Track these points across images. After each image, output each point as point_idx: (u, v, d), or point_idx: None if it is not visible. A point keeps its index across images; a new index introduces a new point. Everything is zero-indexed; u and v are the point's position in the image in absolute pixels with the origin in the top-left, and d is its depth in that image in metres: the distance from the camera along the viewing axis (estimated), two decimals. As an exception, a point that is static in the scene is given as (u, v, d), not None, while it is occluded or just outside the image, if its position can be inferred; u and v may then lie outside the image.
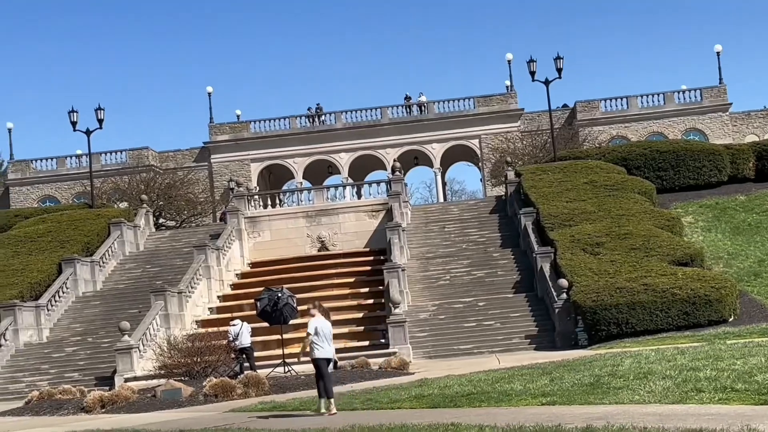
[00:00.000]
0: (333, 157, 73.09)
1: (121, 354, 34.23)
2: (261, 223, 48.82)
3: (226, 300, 42.89)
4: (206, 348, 30.14)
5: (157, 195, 60.14)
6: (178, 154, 75.46)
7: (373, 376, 26.73)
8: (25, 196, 73.69)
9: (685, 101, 71.01)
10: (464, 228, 47.18)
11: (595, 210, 41.24)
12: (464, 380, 21.19)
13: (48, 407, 26.44)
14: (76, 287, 43.13)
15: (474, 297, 38.65)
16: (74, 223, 48.39)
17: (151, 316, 37.21)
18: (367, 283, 42.04)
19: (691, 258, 35.99)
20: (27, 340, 38.89)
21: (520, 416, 13.72)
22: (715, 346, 23.71)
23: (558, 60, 50.90)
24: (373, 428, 13.92)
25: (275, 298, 30.69)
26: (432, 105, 73.23)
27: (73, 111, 52.64)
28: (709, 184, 48.87)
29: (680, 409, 13.23)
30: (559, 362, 23.58)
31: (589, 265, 35.31)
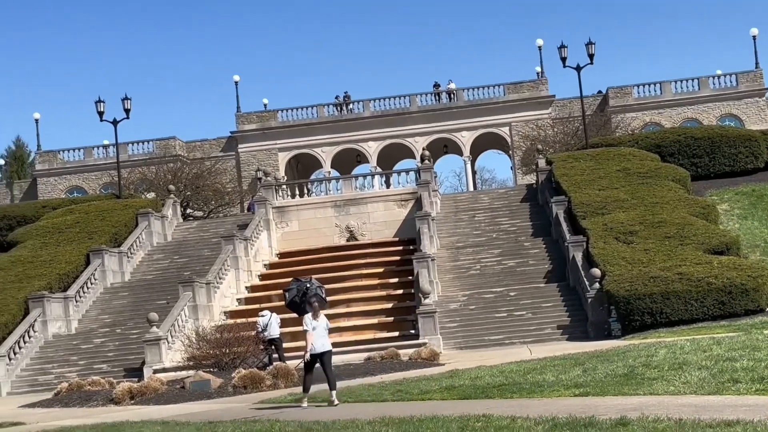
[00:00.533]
0: (361, 145, 73.08)
1: (149, 345, 34.46)
2: (289, 213, 48.93)
3: (255, 291, 43.05)
4: (235, 339, 30.30)
5: (184, 185, 60.40)
6: (206, 143, 75.72)
7: (403, 367, 26.77)
8: (52, 187, 74.25)
9: (721, 86, 70.36)
10: (495, 217, 47.07)
11: (628, 198, 41.01)
12: (495, 371, 21.18)
13: (77, 399, 26.72)
14: (104, 278, 43.45)
15: (505, 287, 38.55)
16: (102, 213, 48.71)
17: (179, 308, 37.43)
18: (396, 273, 42.04)
19: (726, 246, 35.71)
20: (55, 332, 39.24)
21: (553, 407, 13.69)
22: (752, 335, 23.54)
23: (590, 45, 50.56)
24: (403, 420, 13.93)
25: (304, 289, 30.65)
26: (461, 92, 72.99)
27: (100, 101, 52.95)
28: (745, 171, 48.51)
29: (716, 400, 13.15)
30: (592, 353, 23.50)
31: (623, 254, 35.13)
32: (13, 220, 51.98)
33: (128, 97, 52.95)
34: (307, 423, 15.11)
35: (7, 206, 59.46)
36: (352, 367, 27.62)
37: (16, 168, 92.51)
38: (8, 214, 53.14)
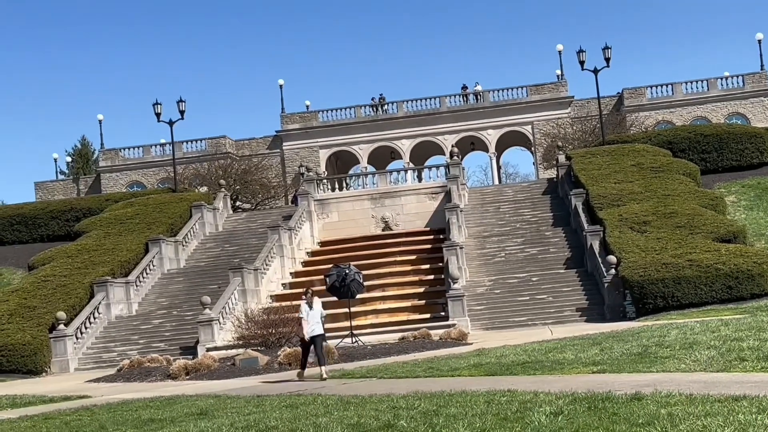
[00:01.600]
0: (395, 143, 72.98)
1: (202, 326, 34.67)
2: (329, 205, 49.01)
3: (298, 276, 43.16)
4: (280, 320, 30.38)
5: (234, 180, 60.64)
6: (253, 142, 75.95)
7: (434, 346, 26.74)
8: (114, 182, 74.83)
9: (728, 87, 69.58)
10: (518, 208, 46.86)
11: (642, 191, 40.67)
12: (519, 350, 21.11)
13: (138, 374, 26.93)
14: (162, 265, 43.75)
15: (527, 273, 38.39)
16: (159, 206, 49.03)
17: (229, 291, 37.61)
18: (427, 260, 41.98)
19: (734, 235, 35.36)
20: (118, 314, 39.58)
21: (573, 383, 13.63)
22: (758, 318, 23.29)
23: (606, 50, 50.17)
24: (434, 394, 13.93)
25: (343, 274, 30.80)
26: (487, 94, 72.68)
27: (158, 103, 53.29)
28: (751, 165, 47.98)
29: (724, 377, 13.03)
30: (609, 333, 23.36)
31: (637, 242, 34.86)
32: (79, 212, 52.46)
33: (183, 99, 53.26)
34: (347, 397, 15.15)
35: (74, 199, 59.95)
36: (387, 346, 27.63)
37: (81, 165, 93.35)
38: (75, 207, 53.63)
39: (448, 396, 13.56)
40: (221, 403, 16.40)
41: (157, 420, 14.67)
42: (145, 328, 38.22)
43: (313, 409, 13.83)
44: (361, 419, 12.04)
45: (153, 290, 42.19)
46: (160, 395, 19.46)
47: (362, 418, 12.11)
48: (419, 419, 11.51)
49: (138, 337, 37.44)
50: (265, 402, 15.85)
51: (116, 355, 35.31)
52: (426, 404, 12.84)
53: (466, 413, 11.56)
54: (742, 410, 9.72)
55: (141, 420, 14.91)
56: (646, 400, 11.11)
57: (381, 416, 12.12)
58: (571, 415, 10.66)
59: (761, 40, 67.46)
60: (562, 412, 10.89)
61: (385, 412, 12.54)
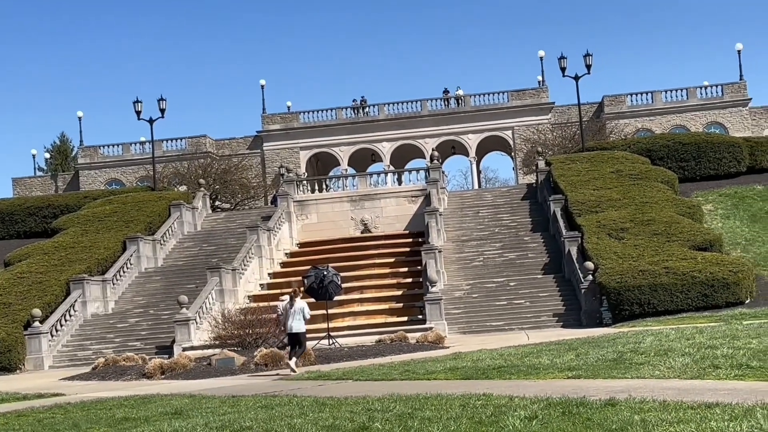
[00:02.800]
0: (376, 146, 73.02)
1: (179, 325, 34.53)
2: (309, 207, 48.96)
3: (276, 277, 43.08)
4: (257, 321, 30.32)
5: (213, 179, 60.51)
6: (233, 141, 75.79)
7: (411, 349, 26.75)
8: (93, 179, 74.44)
9: (707, 96, 70.10)
10: (497, 213, 46.99)
11: (620, 197, 40.88)
12: (495, 354, 21.15)
13: (113, 373, 26.78)
14: (139, 263, 43.55)
15: (505, 277, 38.49)
16: (138, 204, 48.80)
17: (207, 291, 37.49)
18: (406, 263, 42.01)
19: (710, 243, 35.58)
20: (94, 311, 39.35)
21: (547, 388, 13.67)
22: (732, 326, 23.44)
23: (587, 57, 50.44)
24: (410, 397, 13.93)
25: (321, 276, 30.78)
26: (468, 98, 72.88)
27: (138, 101, 53.09)
28: (728, 174, 48.36)
29: (698, 384, 13.11)
30: (585, 339, 23.44)
31: (614, 249, 35.03)
32: (57, 209, 52.17)
33: (164, 98, 53.13)
34: (322, 398, 15.13)
35: (52, 196, 59.65)
36: (364, 349, 27.63)
37: (60, 161, 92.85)
38: (52, 203, 53.34)
39: (424, 399, 13.57)
40: (196, 403, 16.34)
41: (131, 419, 14.60)
42: (121, 327, 38.01)
43: (288, 410, 13.81)
44: (336, 421, 12.04)
45: (130, 289, 41.98)
46: (135, 394, 19.36)
47: (337, 420, 12.10)
48: (394, 422, 11.51)
49: (114, 335, 37.23)
50: (240, 402, 15.80)
51: (91, 354, 35.09)
52: (401, 407, 12.85)
53: (441, 416, 11.58)
54: (715, 417, 9.78)
55: (115, 419, 14.82)
56: (620, 405, 11.16)
57: (356, 418, 12.12)
58: (546, 419, 10.69)
59: (741, 51, 68.00)
60: (537, 416, 10.93)
61: (360, 414, 12.54)
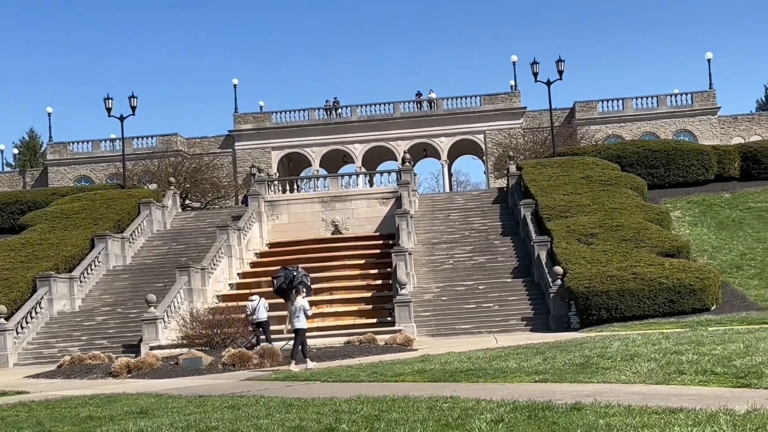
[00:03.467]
0: (348, 147, 73.01)
1: (147, 324, 34.31)
2: (279, 207, 48.85)
3: (246, 277, 42.93)
4: (226, 321, 30.20)
5: (184, 178, 60.22)
6: (205, 140, 75.47)
7: (379, 351, 26.76)
8: (62, 176, 73.82)
9: (677, 104, 70.76)
10: (468, 216, 47.12)
11: (590, 203, 41.13)
12: (463, 357, 21.19)
13: (78, 371, 26.56)
14: (107, 261, 43.23)
15: (475, 281, 38.60)
16: (107, 202, 48.45)
17: (175, 290, 37.28)
18: (376, 265, 42.02)
19: (678, 250, 35.88)
20: (60, 309, 39.01)
21: (514, 392, 13.72)
22: (698, 332, 23.65)
23: (559, 62, 50.70)
24: (377, 399, 13.93)
25: (291, 276, 30.62)
26: (441, 101, 73.05)
27: (109, 98, 52.74)
28: (697, 182, 48.83)
29: (663, 390, 13.21)
30: (552, 343, 23.56)
31: (583, 254, 35.23)
32: (25, 205, 51.71)
33: (135, 95, 52.84)
34: (289, 399, 15.09)
35: (20, 192, 59.09)
36: (332, 350, 27.61)
37: (29, 157, 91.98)
38: (20, 199, 52.86)
39: (391, 401, 13.57)
40: (162, 403, 16.23)
41: (96, 418, 14.47)
42: (88, 325, 37.71)
43: (255, 411, 13.75)
44: (303, 422, 12.01)
45: (97, 287, 41.67)
46: (100, 393, 19.21)
47: (304, 421, 12.07)
48: (361, 423, 11.50)
49: (80, 333, 36.92)
50: (207, 402, 15.72)
51: (57, 351, 34.77)
52: (368, 409, 12.84)
53: (408, 419, 11.59)
54: (679, 422, 9.86)
55: (79, 417, 14.69)
56: (586, 410, 11.22)
57: (323, 419, 12.10)
58: (512, 423, 10.73)
59: (710, 60, 68.68)
60: (503, 419, 10.96)
61: (327, 415, 12.52)
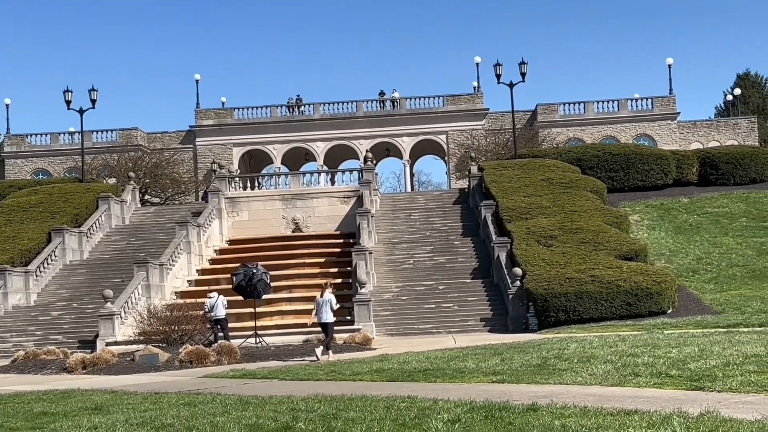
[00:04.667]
0: (310, 145, 72.87)
1: (103, 320, 33.99)
2: (240, 204, 48.61)
3: (205, 274, 42.68)
4: (183, 317, 30.04)
5: (144, 173, 59.72)
6: (166, 135, 74.90)
7: (338, 350, 26.73)
8: (19, 169, 72.90)
9: (637, 108, 71.47)
10: (429, 216, 47.23)
11: (550, 205, 41.42)
12: (422, 357, 21.25)
13: (32, 366, 26.27)
14: (64, 256, 42.76)
15: (435, 281, 38.70)
16: (65, 195, 47.94)
17: (133, 286, 36.98)
18: (336, 264, 41.97)
19: (635, 253, 36.24)
20: (15, 303, 38.53)
21: (472, 392, 13.78)
22: (654, 335, 23.92)
23: (522, 65, 50.96)
24: (335, 398, 13.93)
25: (250, 274, 30.55)
26: (404, 101, 73.16)
27: (68, 90, 52.17)
28: (655, 186, 49.37)
29: (619, 392, 13.34)
30: (510, 344, 23.69)
31: (542, 255, 35.46)
32: (-20, 198, 50.96)
33: (95, 88, 52.36)
34: (246, 397, 15.03)
35: (-25, 184, 58.22)
36: (291, 348, 27.56)
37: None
38: (-24, 192, 52.10)
39: (349, 400, 13.57)
40: (117, 399, 16.10)
41: (49, 413, 14.32)
42: (43, 320, 37.28)
43: (211, 408, 13.69)
44: (260, 420, 11.97)
45: (54, 281, 41.20)
46: (55, 388, 19.01)
47: (260, 419, 12.04)
48: (318, 422, 11.49)
49: (35, 328, 36.49)
50: (163, 399, 15.62)
51: (11, 346, 34.33)
52: (326, 407, 12.83)
53: (365, 417, 11.60)
54: (633, 424, 9.96)
55: (33, 413, 14.53)
56: (542, 411, 11.30)
57: (280, 417, 12.07)
58: (468, 423, 10.78)
59: (671, 65, 69.43)
60: (460, 419, 11.00)
61: (285, 413, 12.49)
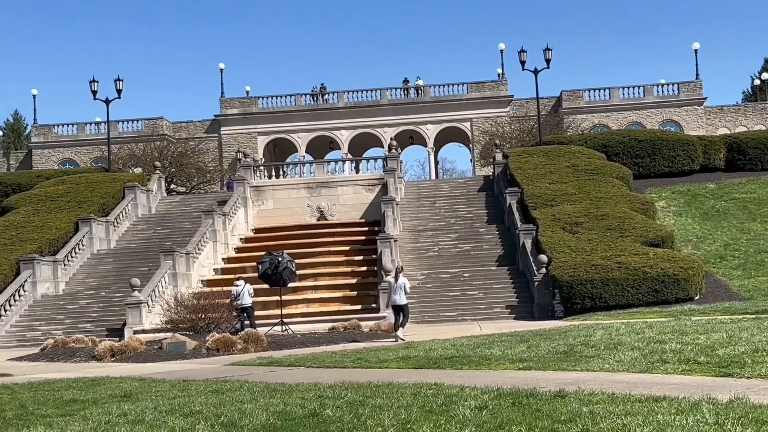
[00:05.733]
0: (334, 133, 72.89)
1: (131, 308, 34.24)
2: (265, 192, 48.73)
3: (230, 262, 42.86)
4: (210, 305, 30.15)
5: (169, 162, 59.97)
6: (191, 125, 75.18)
7: (364, 338, 26.79)
8: (46, 159, 73.44)
9: (663, 94, 70.90)
10: (453, 204, 47.14)
11: (576, 192, 41.21)
12: (448, 344, 21.23)
13: (62, 354, 26.50)
14: (92, 245, 43.08)
15: (460, 268, 38.65)
16: (92, 185, 48.26)
17: (160, 274, 37.20)
18: (361, 252, 42.01)
19: (662, 240, 36.03)
20: (44, 292, 38.88)
21: (498, 379, 13.76)
22: (681, 321, 23.76)
23: (547, 51, 50.72)
24: (361, 385, 13.94)
25: (276, 262, 30.65)
26: (428, 89, 72.98)
27: (94, 81, 52.45)
28: (682, 172, 49.00)
29: (646, 378, 13.26)
30: (536, 331, 23.63)
31: (568, 242, 35.33)
32: (9, 188, 51.43)
33: (120, 78, 52.54)
34: (274, 384, 15.09)
35: (3, 174, 58.74)
36: (317, 336, 27.62)
37: (13, 139, 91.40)
38: (4, 182, 52.58)
39: (375, 387, 13.58)
40: (146, 386, 16.21)
41: (79, 401, 14.44)
42: (71, 308, 37.61)
43: (239, 395, 13.75)
44: (287, 407, 12.01)
45: (81, 270, 41.52)
46: (84, 376, 19.17)
47: (288, 406, 12.07)
48: (345, 408, 11.51)
49: (64, 317, 36.82)
50: (191, 386, 15.71)
51: (41, 335, 34.68)
52: (353, 394, 12.85)
53: (392, 404, 11.60)
54: (662, 411, 9.91)
55: (63, 400, 14.66)
56: (569, 397, 11.26)
57: (307, 404, 12.10)
58: (495, 409, 10.76)
59: (697, 50, 68.84)
60: (487, 406, 10.98)
61: (312, 400, 12.52)
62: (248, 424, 10.67)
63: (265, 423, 10.78)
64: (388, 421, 10.28)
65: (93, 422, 11.66)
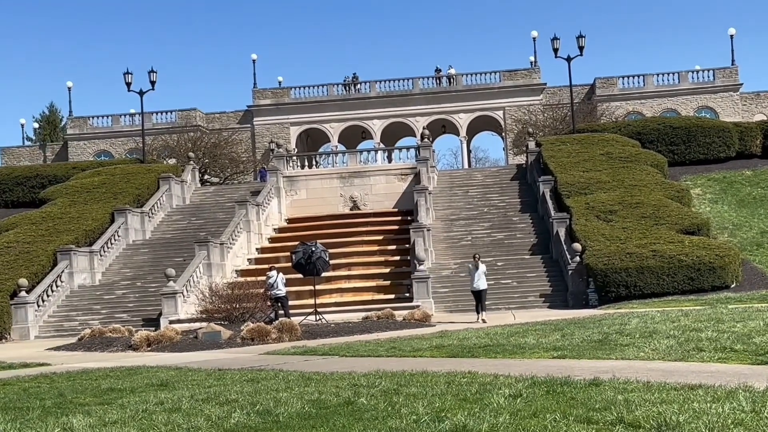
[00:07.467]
0: (366, 123, 72.89)
1: (166, 298, 34.54)
2: (298, 183, 48.88)
3: (264, 252, 43.08)
4: (244, 295, 30.33)
5: (203, 153, 60.32)
6: (224, 115, 75.52)
7: (398, 327, 26.83)
8: (81, 150, 74.13)
9: (698, 80, 70.15)
10: (486, 193, 47.03)
11: (610, 180, 40.96)
12: (481, 333, 21.23)
13: (99, 344, 26.79)
14: (127, 235, 43.48)
15: (493, 257, 38.56)
16: (126, 176, 48.67)
17: (194, 265, 37.47)
18: (394, 241, 42.05)
19: (697, 227, 35.74)
20: (81, 283, 39.30)
21: (533, 367, 13.75)
22: (717, 309, 23.59)
23: (580, 38, 50.31)
24: (395, 373, 13.99)
25: (309, 252, 30.76)
26: (460, 77, 72.74)
27: (128, 73, 52.78)
28: (717, 159, 48.53)
29: (682, 366, 13.19)
30: (571, 320, 23.56)
31: (602, 231, 35.14)
32: (45, 179, 52.00)
33: (154, 70, 52.83)
34: (308, 373, 15.17)
35: (40, 166, 59.36)
36: (350, 325, 27.70)
37: (49, 131, 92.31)
38: (41, 174, 53.15)
39: (409, 376, 13.62)
40: (182, 375, 16.36)
41: (116, 390, 14.61)
42: (108, 299, 38.00)
43: (274, 384, 13.84)
44: (322, 395, 12.08)
45: (117, 260, 41.93)
46: (121, 365, 19.38)
47: (323, 395, 12.14)
48: (379, 397, 11.56)
49: (100, 307, 37.21)
50: (226, 375, 15.84)
51: (78, 324, 35.09)
52: (387, 383, 12.90)
53: (427, 393, 11.63)
54: (697, 399, 9.86)
55: (101, 389, 14.84)
56: (604, 386, 11.23)
57: (341, 393, 12.16)
58: (530, 398, 10.75)
59: (733, 36, 68.04)
60: (521, 395, 10.98)
61: (346, 389, 12.58)
62: (283, 413, 10.74)
63: (300, 411, 10.85)
64: (422, 410, 10.31)
65: (131, 410, 11.79)
